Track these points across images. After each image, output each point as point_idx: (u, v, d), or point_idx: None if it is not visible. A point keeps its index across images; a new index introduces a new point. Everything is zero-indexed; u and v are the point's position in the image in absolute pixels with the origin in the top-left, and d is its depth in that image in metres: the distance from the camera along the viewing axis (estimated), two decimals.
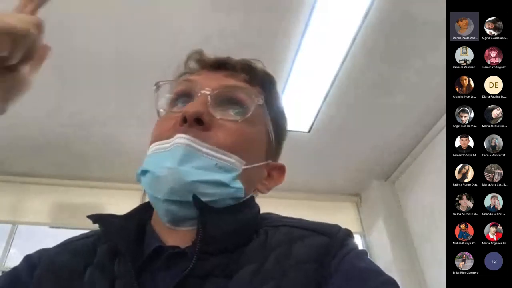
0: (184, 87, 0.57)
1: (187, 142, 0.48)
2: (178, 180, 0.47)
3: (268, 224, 0.53)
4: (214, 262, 0.45)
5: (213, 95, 0.53)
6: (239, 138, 0.52)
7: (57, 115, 2.53)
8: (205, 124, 0.50)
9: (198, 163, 0.48)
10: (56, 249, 0.54)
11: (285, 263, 0.45)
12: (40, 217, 2.98)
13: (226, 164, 0.50)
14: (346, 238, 0.50)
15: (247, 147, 0.54)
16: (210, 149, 0.50)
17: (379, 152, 2.98)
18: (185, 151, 0.48)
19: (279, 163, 0.63)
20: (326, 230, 0.51)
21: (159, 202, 0.49)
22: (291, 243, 0.48)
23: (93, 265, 0.49)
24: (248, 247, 0.48)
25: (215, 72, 0.59)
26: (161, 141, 0.51)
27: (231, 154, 0.51)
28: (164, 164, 0.48)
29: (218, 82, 0.56)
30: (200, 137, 0.49)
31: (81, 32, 2.03)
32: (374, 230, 3.18)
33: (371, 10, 1.92)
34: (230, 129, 0.52)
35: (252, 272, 0.44)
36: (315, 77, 2.31)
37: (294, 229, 0.51)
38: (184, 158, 0.48)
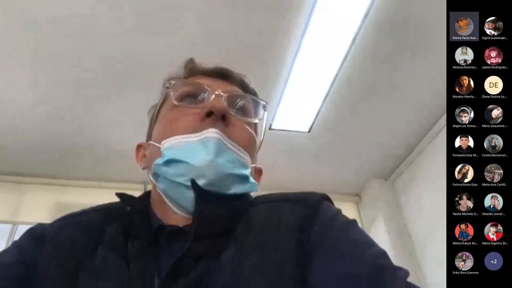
0: (194, 87, 0.59)
1: (219, 137, 0.51)
2: (218, 172, 0.50)
3: (250, 204, 0.55)
4: (206, 245, 0.47)
5: (226, 97, 0.57)
6: (249, 139, 0.58)
7: (58, 115, 2.53)
8: (227, 121, 0.54)
9: (228, 157, 0.52)
10: (57, 224, 0.55)
11: (265, 239, 0.47)
12: (40, 217, 2.97)
13: (244, 160, 0.55)
14: (322, 203, 0.51)
15: (252, 147, 0.58)
16: (234, 145, 0.54)
17: (379, 152, 2.98)
18: (218, 145, 0.51)
19: (258, 166, 0.66)
20: (302, 198, 0.53)
21: (186, 189, 0.50)
22: (269, 217, 0.50)
23: (103, 244, 0.49)
24: (235, 229, 0.50)
25: (216, 79, 0.62)
26: (187, 134, 0.53)
27: (245, 152, 0.55)
28: (201, 155, 0.50)
29: (225, 87, 0.59)
30: (225, 133, 0.53)
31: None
32: (374, 230, 3.18)
33: (371, 10, 1.92)
34: (243, 129, 0.57)
35: (235, 251, 0.46)
36: (315, 77, 2.31)
37: (271, 204, 0.53)
38: (219, 152, 0.50)
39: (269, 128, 2.65)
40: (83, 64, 2.20)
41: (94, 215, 0.55)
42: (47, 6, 1.89)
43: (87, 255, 0.48)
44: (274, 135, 2.70)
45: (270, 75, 2.29)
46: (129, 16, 1.96)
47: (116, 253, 0.48)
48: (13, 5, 1.87)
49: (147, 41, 2.06)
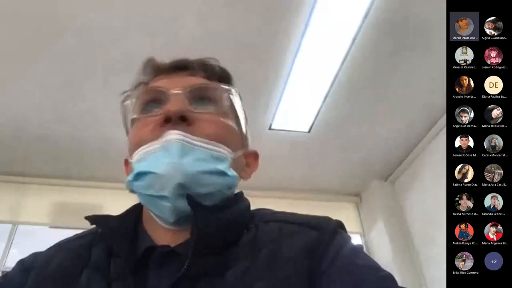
0: (152, 94, 0.57)
1: (180, 137, 0.49)
2: (184, 173, 0.47)
3: (259, 220, 0.53)
4: (206, 262, 0.45)
5: (186, 94, 0.54)
6: (222, 129, 0.54)
7: (58, 115, 2.53)
8: (189, 120, 0.51)
9: (196, 155, 0.49)
10: (50, 251, 0.54)
11: (276, 260, 0.45)
12: (40, 217, 2.97)
13: (219, 154, 0.51)
14: (336, 231, 0.50)
15: (229, 137, 0.55)
16: (202, 141, 0.50)
17: (379, 152, 2.98)
18: (180, 145, 0.48)
19: (253, 150, 0.64)
20: (316, 224, 0.51)
21: (165, 200, 0.48)
22: (281, 239, 0.48)
23: (88, 266, 0.49)
24: (239, 244, 0.48)
25: (176, 74, 0.59)
26: (147, 144, 0.50)
27: (219, 144, 0.52)
28: (164, 161, 0.47)
29: (185, 82, 0.56)
30: (188, 132, 0.50)
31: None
32: (374, 230, 3.18)
33: (371, 10, 1.92)
34: (212, 121, 0.54)
35: (243, 270, 0.44)
36: (315, 77, 2.31)
37: (284, 225, 0.51)
38: (183, 152, 0.48)
39: (269, 128, 2.65)
40: (83, 64, 2.20)
41: (85, 239, 0.54)
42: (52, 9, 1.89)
43: (73, 279, 0.47)
44: (274, 135, 2.70)
45: (270, 75, 2.29)
46: (129, 16, 1.96)
47: (98, 273, 0.47)
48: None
49: (147, 40, 2.06)
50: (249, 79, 2.25)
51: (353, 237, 3.25)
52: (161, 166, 0.47)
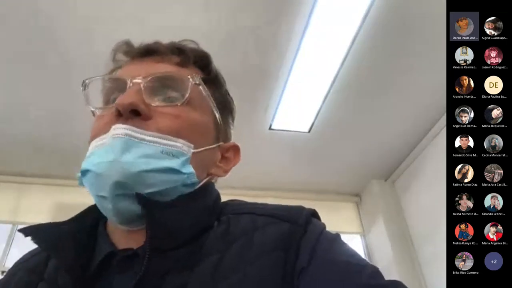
0: (114, 82, 0.53)
1: (126, 132, 0.45)
2: (122, 172, 0.43)
3: (231, 211, 0.51)
4: (172, 258, 0.43)
5: (145, 83, 0.49)
6: (182, 123, 0.49)
7: (59, 115, 2.53)
8: (142, 114, 0.47)
9: (142, 151, 0.45)
10: (11, 271, 0.53)
11: (248, 254, 0.43)
12: (40, 217, 2.97)
13: (173, 149, 0.47)
14: (309, 221, 0.48)
15: (193, 130, 0.50)
16: (152, 135, 0.46)
17: (379, 152, 2.98)
18: (125, 140, 0.44)
19: (231, 143, 0.60)
20: (288, 214, 0.48)
21: (105, 201, 0.45)
22: (253, 232, 0.46)
23: (43, 279, 0.47)
24: (209, 237, 0.46)
25: (144, 59, 0.55)
26: (98, 138, 0.48)
27: (176, 139, 0.48)
28: (104, 158, 0.44)
29: (148, 69, 0.52)
30: (140, 126, 0.46)
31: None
32: (374, 230, 3.18)
33: (371, 10, 1.92)
34: (171, 115, 0.49)
35: (213, 264, 0.42)
36: (315, 77, 2.31)
37: (256, 217, 0.49)
38: (126, 148, 0.44)
39: (269, 128, 2.65)
40: (82, 65, 2.20)
41: (42, 255, 0.52)
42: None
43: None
44: (274, 135, 2.70)
45: (270, 75, 2.29)
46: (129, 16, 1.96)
47: (50, 285, 0.46)
48: None
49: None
50: (249, 79, 2.26)
51: (353, 237, 3.29)
52: (100, 164, 0.44)
